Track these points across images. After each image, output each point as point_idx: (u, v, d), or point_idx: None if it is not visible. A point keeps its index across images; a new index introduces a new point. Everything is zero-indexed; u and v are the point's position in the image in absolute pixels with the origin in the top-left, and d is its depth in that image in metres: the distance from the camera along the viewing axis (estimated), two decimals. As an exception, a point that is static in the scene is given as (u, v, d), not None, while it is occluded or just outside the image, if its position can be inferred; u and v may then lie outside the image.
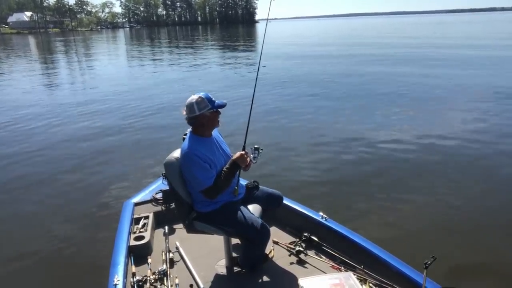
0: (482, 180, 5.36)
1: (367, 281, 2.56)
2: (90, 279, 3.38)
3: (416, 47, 25.40)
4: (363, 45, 29.85)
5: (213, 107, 2.62)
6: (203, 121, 2.62)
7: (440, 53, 21.06)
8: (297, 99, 10.88)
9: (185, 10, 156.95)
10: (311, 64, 18.84)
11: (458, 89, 11.50)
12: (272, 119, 8.64)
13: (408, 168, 5.80)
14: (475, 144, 6.67)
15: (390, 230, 4.14)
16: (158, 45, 40.07)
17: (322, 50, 26.93)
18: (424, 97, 10.38)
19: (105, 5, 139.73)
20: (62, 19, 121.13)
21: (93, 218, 4.52)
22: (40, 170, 6.07)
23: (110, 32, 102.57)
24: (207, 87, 12.77)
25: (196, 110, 2.58)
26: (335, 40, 38.71)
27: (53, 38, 65.75)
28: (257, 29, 78.25)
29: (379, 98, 10.49)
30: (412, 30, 55.50)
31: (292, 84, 13.23)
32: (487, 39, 31.57)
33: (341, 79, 13.86)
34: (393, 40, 34.39)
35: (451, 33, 42.08)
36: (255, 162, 2.77)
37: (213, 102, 2.62)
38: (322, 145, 6.89)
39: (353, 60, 19.79)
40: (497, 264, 3.54)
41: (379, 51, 23.82)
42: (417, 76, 13.80)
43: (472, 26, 60.56)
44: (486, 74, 13.94)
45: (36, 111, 10.17)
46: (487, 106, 9.20)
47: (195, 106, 2.58)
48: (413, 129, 7.64)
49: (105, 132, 8.06)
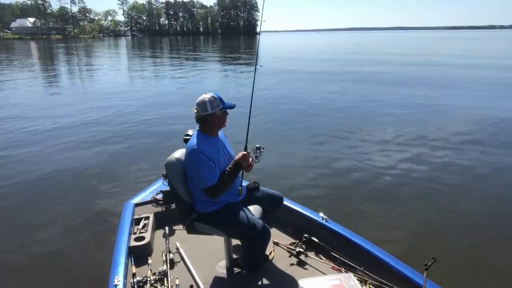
0: (482, 182, 5.43)
1: (367, 282, 2.57)
2: (91, 279, 3.37)
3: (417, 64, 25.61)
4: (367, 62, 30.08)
5: (224, 107, 2.65)
6: (214, 120, 2.65)
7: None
8: (297, 102, 11.11)
9: (187, 20, 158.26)
10: (311, 71, 19.00)
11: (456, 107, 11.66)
12: (273, 121, 8.81)
13: (408, 170, 5.85)
14: (475, 149, 6.78)
15: (391, 231, 4.15)
16: (160, 54, 40.29)
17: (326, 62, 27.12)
18: (422, 108, 10.48)
19: (108, 13, 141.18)
20: (65, 26, 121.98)
21: (94, 218, 4.51)
22: (41, 172, 6.06)
23: (112, 40, 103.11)
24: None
25: (209, 108, 2.60)
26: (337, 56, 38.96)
27: (55, 44, 66.12)
28: (259, 41, 78.70)
29: (382, 104, 10.65)
30: (413, 45, 55.90)
31: (292, 89, 13.43)
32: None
33: (343, 89, 13.97)
34: (398, 56, 34.63)
35: (454, 50, 42.41)
36: (258, 161, 2.79)
37: (223, 102, 2.66)
38: (323, 147, 6.98)
39: (358, 73, 19.97)
40: (497, 265, 3.56)
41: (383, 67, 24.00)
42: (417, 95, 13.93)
43: (473, 43, 61.13)
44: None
45: (38, 114, 10.20)
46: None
47: (208, 104, 2.60)
48: (413, 133, 7.76)
49: (105, 135, 8.10)
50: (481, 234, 4.08)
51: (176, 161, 2.68)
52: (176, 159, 2.69)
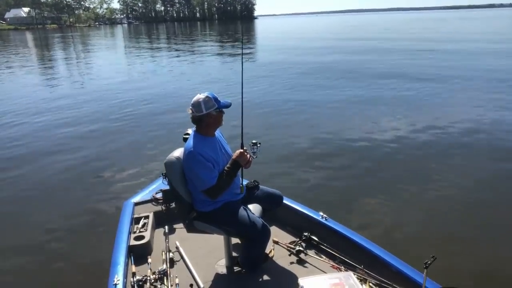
0: (482, 179, 5.37)
1: (367, 281, 2.57)
2: (90, 278, 3.39)
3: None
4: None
5: (219, 107, 2.62)
6: (209, 120, 2.62)
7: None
8: (294, 93, 10.99)
9: (184, 6, 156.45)
10: (306, 60, 18.84)
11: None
12: (270, 116, 8.68)
13: (408, 168, 5.80)
14: (478, 146, 6.63)
15: (390, 229, 4.15)
16: (157, 41, 39.93)
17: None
18: (422, 96, 10.39)
19: (103, 1, 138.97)
20: (60, 15, 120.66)
21: (93, 218, 4.53)
22: (40, 170, 6.06)
23: (108, 28, 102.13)
24: (205, 85, 12.79)
25: (203, 109, 2.58)
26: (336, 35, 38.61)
27: (51, 34, 65.46)
28: (256, 25, 77.99)
29: (381, 97, 10.49)
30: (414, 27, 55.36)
31: (287, 76, 13.31)
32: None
33: (340, 78, 13.85)
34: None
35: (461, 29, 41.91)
36: (256, 157, 2.77)
37: (218, 101, 2.63)
38: (322, 144, 6.90)
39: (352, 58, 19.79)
40: (497, 264, 3.55)
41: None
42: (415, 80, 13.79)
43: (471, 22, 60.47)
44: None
45: (32, 110, 10.12)
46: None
47: (202, 105, 2.58)
48: (413, 129, 7.61)
49: (104, 132, 8.05)
50: (482, 233, 4.06)
51: (175, 160, 2.67)
52: (175, 158, 2.68)
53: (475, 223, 4.27)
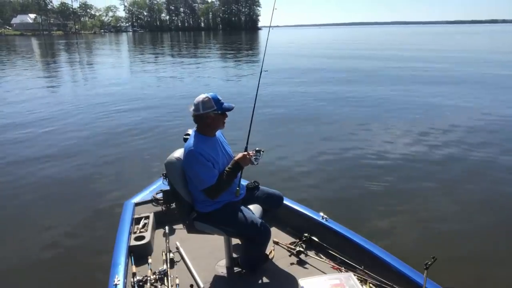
0: (482, 182, 5.40)
1: (367, 282, 2.57)
2: (91, 279, 3.38)
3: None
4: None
5: (219, 109, 2.63)
6: (206, 121, 2.64)
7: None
8: (298, 100, 11.08)
9: (188, 16, 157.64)
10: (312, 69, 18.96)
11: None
12: (274, 120, 8.76)
13: (408, 170, 5.84)
14: (480, 148, 6.75)
15: (391, 230, 4.15)
16: (161, 50, 40.21)
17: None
18: (424, 106, 10.44)
19: (108, 9, 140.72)
20: (66, 22, 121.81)
21: (94, 218, 4.52)
22: (41, 171, 6.07)
23: (113, 36, 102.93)
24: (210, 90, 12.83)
25: (200, 109, 2.60)
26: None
27: (56, 41, 66.03)
28: (260, 36, 78.59)
29: (385, 104, 10.59)
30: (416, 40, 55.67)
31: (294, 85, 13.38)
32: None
33: (342, 87, 13.94)
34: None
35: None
36: (257, 163, 2.78)
37: (220, 104, 2.63)
38: (323, 146, 6.94)
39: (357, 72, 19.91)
40: (497, 265, 3.55)
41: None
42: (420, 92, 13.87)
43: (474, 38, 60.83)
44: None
45: (37, 114, 10.13)
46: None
47: (200, 105, 2.60)
48: (414, 134, 7.70)
49: (105, 133, 8.09)
50: (482, 233, 4.06)
51: (176, 160, 2.67)
52: (176, 159, 2.68)
53: (476, 224, 4.27)
